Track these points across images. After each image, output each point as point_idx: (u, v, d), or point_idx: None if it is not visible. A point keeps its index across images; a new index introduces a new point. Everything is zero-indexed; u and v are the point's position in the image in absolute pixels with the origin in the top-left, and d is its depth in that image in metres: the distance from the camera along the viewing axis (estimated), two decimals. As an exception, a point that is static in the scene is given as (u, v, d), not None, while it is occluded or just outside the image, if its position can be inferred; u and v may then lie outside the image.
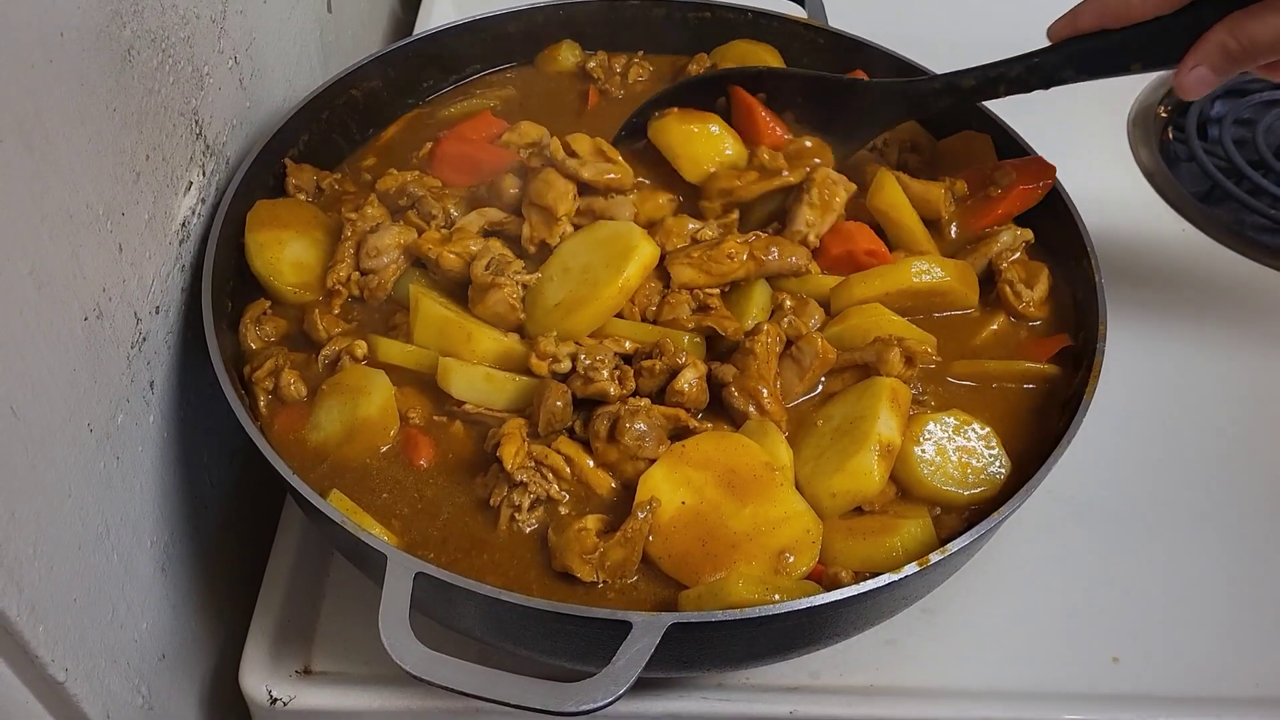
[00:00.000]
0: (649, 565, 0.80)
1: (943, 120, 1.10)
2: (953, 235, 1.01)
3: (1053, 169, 1.01)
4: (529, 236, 0.94)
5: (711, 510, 0.79)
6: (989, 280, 0.98)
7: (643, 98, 1.10)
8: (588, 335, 0.88)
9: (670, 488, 0.80)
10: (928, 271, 0.93)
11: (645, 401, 0.83)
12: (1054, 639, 0.93)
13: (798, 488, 0.82)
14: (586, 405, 0.85)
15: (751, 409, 0.85)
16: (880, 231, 0.98)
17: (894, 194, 0.97)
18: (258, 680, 0.89)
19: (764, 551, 0.77)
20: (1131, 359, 1.10)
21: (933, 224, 1.00)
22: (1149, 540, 0.99)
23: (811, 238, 0.95)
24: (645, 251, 0.88)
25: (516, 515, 0.80)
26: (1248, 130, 1.34)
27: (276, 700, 0.88)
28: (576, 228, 0.94)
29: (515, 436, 0.82)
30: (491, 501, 0.81)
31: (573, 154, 0.96)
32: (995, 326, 0.96)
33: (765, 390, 0.85)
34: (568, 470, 0.82)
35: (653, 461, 0.81)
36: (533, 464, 0.81)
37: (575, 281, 0.89)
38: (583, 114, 1.15)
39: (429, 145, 1.07)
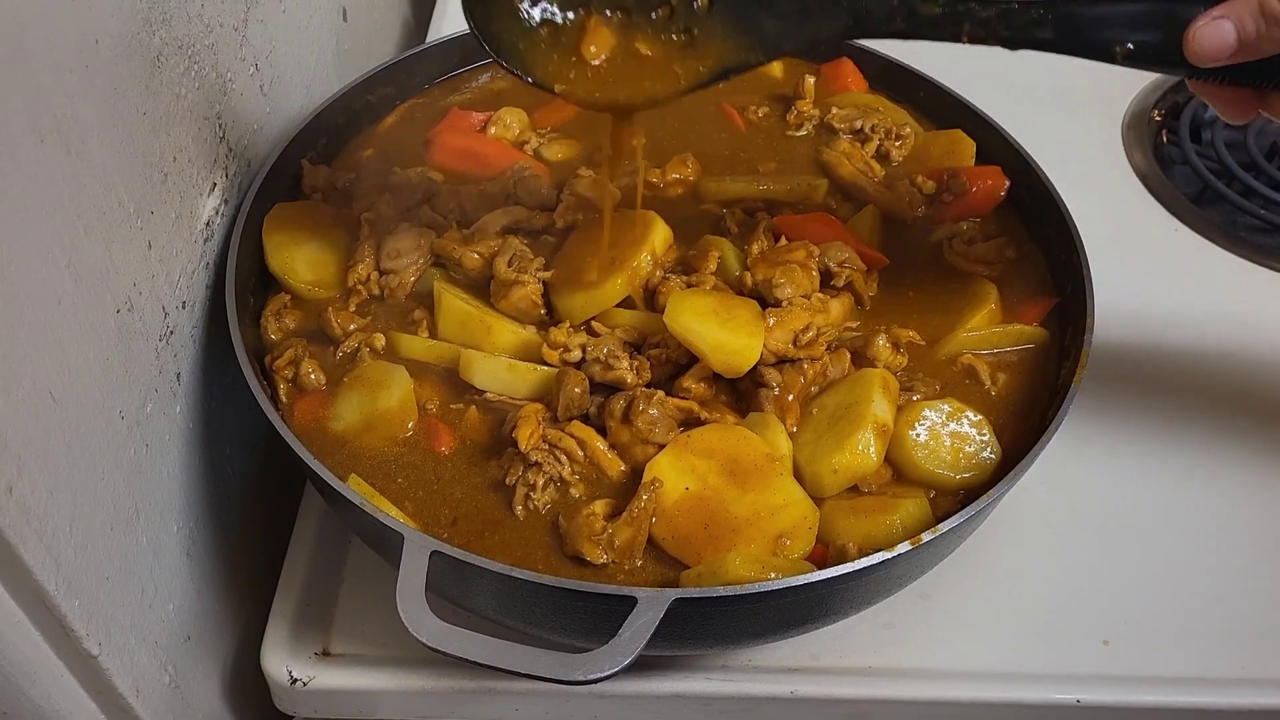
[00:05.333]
0: (655, 549, 0.83)
1: (938, 114, 1.14)
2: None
3: (1005, 183, 1.06)
4: (562, 212, 1.00)
5: (714, 496, 0.83)
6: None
7: None
8: (598, 322, 0.92)
9: (675, 474, 0.84)
10: None
11: (660, 392, 0.87)
12: (1047, 623, 0.96)
13: (798, 469, 0.85)
14: (604, 393, 0.89)
15: (773, 413, 0.88)
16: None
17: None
18: (279, 661, 0.92)
19: (763, 535, 0.81)
20: (1124, 355, 1.13)
21: None
22: (1139, 530, 1.02)
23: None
24: (663, 225, 0.96)
25: (531, 494, 0.84)
26: (1240, 133, 1.37)
27: (297, 680, 0.91)
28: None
29: (531, 419, 0.85)
30: (507, 481, 0.85)
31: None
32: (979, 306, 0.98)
33: (796, 411, 0.89)
34: (580, 453, 0.86)
35: (661, 447, 0.85)
36: (546, 446, 0.85)
37: (594, 254, 0.94)
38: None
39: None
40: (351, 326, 0.95)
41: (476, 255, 0.96)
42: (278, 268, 0.98)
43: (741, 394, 0.90)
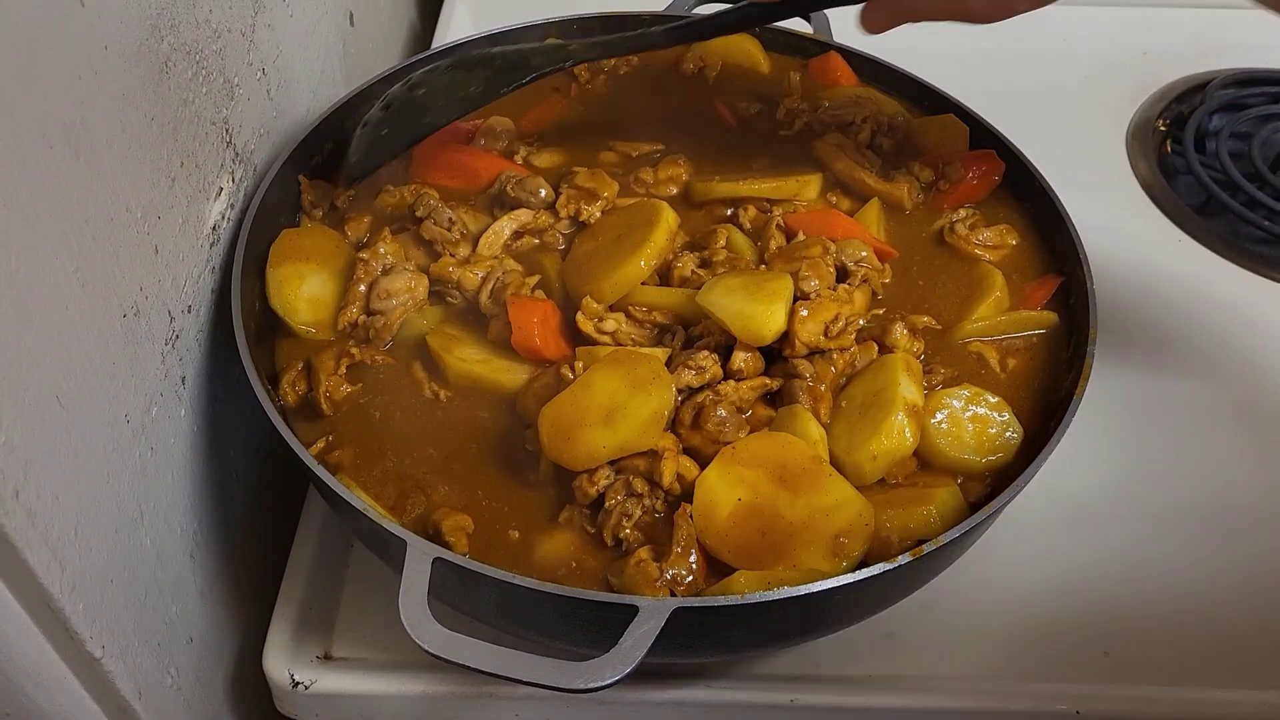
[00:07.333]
0: (715, 563, 0.82)
1: (924, 101, 1.16)
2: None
3: (1001, 166, 1.06)
4: (564, 202, 1.01)
5: (767, 504, 0.81)
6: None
7: (625, 84, 1.19)
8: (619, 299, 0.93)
9: (725, 486, 0.82)
10: None
11: (726, 386, 0.87)
12: (1047, 633, 0.96)
13: (837, 462, 0.84)
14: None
15: (807, 405, 0.88)
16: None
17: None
18: (281, 664, 0.93)
19: (820, 537, 0.80)
20: (1126, 365, 1.13)
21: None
22: (1140, 541, 1.02)
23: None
24: (669, 209, 0.97)
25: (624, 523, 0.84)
26: (1244, 144, 1.37)
27: (299, 684, 0.92)
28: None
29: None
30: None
31: None
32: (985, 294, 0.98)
33: (829, 401, 0.89)
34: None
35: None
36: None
37: (610, 242, 0.96)
38: (554, 102, 1.18)
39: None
40: (344, 388, 0.92)
41: (476, 275, 0.95)
42: (279, 306, 0.95)
43: (779, 395, 0.90)
